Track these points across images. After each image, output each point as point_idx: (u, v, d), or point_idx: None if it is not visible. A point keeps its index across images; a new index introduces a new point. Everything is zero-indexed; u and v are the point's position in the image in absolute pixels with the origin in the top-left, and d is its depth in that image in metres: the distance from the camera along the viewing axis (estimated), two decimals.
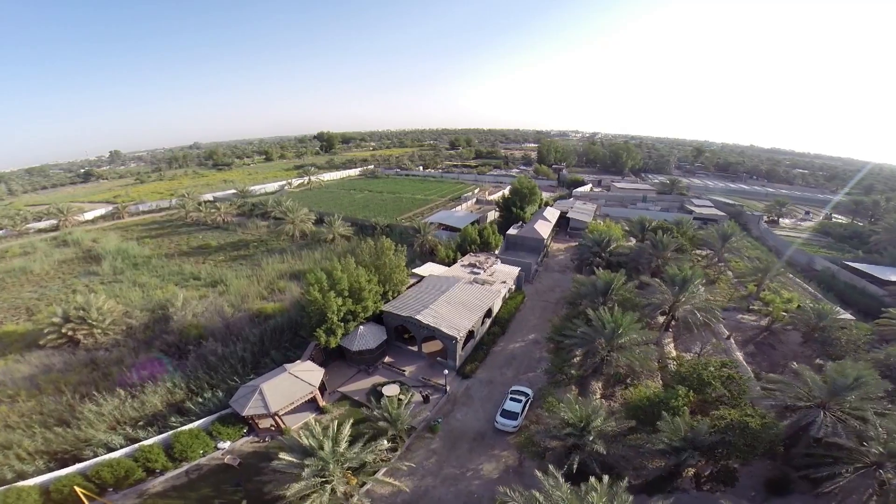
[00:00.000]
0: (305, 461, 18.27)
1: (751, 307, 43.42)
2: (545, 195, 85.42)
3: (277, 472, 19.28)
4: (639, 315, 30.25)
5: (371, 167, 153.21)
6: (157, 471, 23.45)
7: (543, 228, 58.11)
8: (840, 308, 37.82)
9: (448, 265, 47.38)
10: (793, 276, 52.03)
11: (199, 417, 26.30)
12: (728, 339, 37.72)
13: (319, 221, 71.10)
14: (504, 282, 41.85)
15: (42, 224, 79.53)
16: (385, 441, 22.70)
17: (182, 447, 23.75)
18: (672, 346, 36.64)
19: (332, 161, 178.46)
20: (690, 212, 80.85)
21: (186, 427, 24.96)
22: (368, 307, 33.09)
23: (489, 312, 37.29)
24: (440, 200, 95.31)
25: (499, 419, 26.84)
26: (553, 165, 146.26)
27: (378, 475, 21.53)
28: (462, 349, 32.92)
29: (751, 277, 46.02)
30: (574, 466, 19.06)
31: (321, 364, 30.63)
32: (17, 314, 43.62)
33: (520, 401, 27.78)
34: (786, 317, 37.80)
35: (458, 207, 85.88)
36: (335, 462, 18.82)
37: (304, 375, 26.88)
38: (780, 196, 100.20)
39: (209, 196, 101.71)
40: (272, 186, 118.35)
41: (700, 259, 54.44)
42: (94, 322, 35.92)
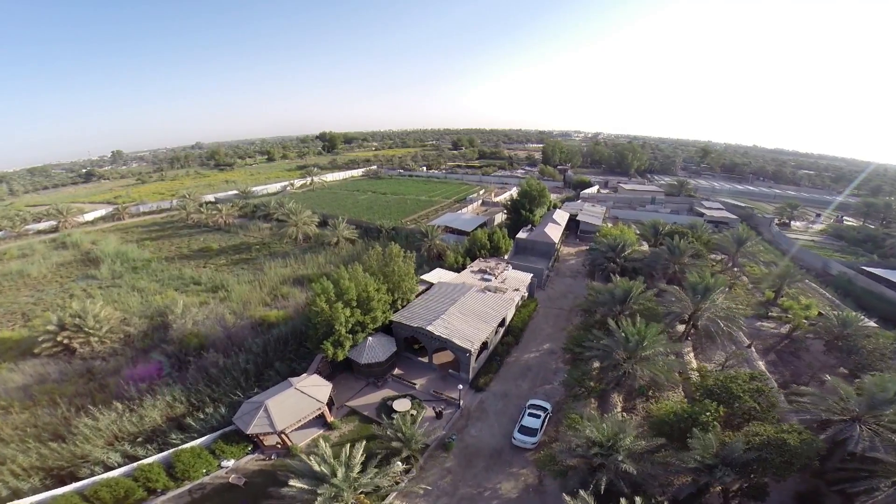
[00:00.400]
0: (318, 490, 17.09)
1: (769, 314, 42.12)
2: (553, 197, 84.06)
3: (287, 497, 18.07)
4: (662, 326, 28.96)
5: (374, 168, 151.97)
6: (159, 490, 22.31)
7: (554, 232, 56.66)
8: (864, 315, 36.56)
9: (457, 271, 45.71)
10: (809, 282, 50.68)
11: (201, 434, 25.02)
12: (749, 348, 36.30)
13: (323, 224, 69.78)
14: (517, 289, 40.25)
15: (41, 225, 78.38)
16: (399, 463, 21.49)
17: (184, 466, 22.51)
18: (692, 356, 35.29)
19: (335, 161, 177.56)
20: (701, 214, 79.47)
21: (188, 445, 23.68)
22: (377, 318, 31.63)
23: (502, 322, 35.86)
24: (445, 202, 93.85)
25: (517, 435, 25.51)
26: (558, 166, 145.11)
27: (391, 498, 20.28)
28: (475, 361, 31.56)
29: (769, 283, 44.72)
30: (602, 487, 18.13)
31: (328, 377, 29.29)
32: (13, 319, 42.37)
33: (538, 416, 26.46)
34: (806, 324, 36.52)
35: (464, 209, 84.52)
36: (349, 488, 17.58)
37: (312, 391, 25.51)
38: (789, 198, 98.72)
39: (211, 197, 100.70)
40: (275, 187, 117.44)
41: (714, 264, 53.07)
42: (91, 330, 34.63)
